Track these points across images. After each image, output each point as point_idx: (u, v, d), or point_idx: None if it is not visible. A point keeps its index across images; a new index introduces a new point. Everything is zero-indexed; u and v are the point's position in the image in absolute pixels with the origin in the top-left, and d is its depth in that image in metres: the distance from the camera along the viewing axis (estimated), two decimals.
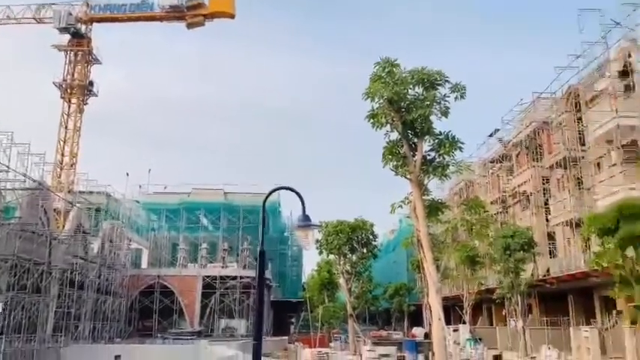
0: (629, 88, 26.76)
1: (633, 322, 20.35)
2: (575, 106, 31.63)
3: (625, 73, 27.22)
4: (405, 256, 52.91)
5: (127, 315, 47.79)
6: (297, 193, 9.71)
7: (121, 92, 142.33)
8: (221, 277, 48.97)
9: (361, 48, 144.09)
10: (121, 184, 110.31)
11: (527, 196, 35.37)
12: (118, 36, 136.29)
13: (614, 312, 26.36)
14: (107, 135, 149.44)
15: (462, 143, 13.05)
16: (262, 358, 24.93)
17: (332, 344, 34.71)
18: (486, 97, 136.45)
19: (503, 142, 39.76)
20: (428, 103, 12.73)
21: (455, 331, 35.72)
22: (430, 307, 12.55)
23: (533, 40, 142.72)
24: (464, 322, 34.99)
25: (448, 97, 12.92)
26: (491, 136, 42.33)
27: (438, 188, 50.53)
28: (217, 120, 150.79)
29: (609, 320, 27.00)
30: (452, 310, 45.40)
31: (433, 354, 13.04)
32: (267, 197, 9.91)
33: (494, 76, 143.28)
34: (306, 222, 9.69)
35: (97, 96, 49.12)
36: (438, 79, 12.86)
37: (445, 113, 12.93)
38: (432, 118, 13.04)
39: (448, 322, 44.95)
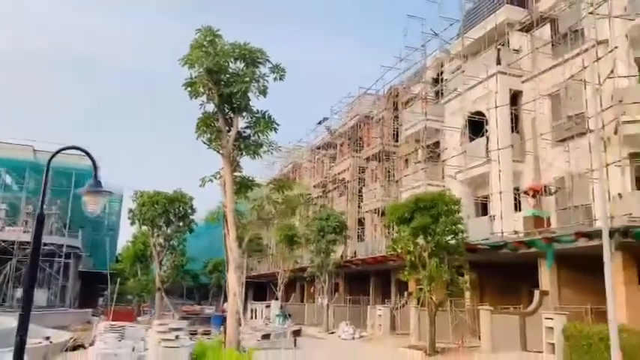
0: (438, 95, 29.80)
1: (419, 302, 22.86)
2: (394, 105, 34.41)
3: (437, 80, 30.29)
4: None
5: None
6: (89, 155, 9.03)
7: None
8: (20, 243, 44.01)
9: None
10: None
11: (345, 183, 37.72)
12: None
13: (405, 293, 29.38)
14: None
15: (277, 124, 13.29)
16: (56, 330, 22.91)
17: (140, 318, 33.45)
18: (330, 86, 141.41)
19: (330, 131, 41.81)
20: (247, 79, 12.69)
21: (267, 307, 36.95)
22: (228, 282, 12.63)
23: (377, 36, 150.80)
24: (276, 299, 36.29)
25: (268, 76, 13.05)
26: (320, 123, 44.29)
27: (268, 168, 51.80)
28: (45, 76, 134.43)
29: (401, 300, 30.06)
30: (268, 287, 46.83)
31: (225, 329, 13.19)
32: (52, 156, 9.04)
33: (341, 69, 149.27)
34: (96, 187, 9.07)
35: None
36: (260, 57, 12.88)
37: (263, 92, 13.02)
38: (251, 95, 13.06)
39: (263, 298, 46.63)
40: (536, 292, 20.45)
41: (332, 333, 29.38)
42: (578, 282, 20.04)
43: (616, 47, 19.06)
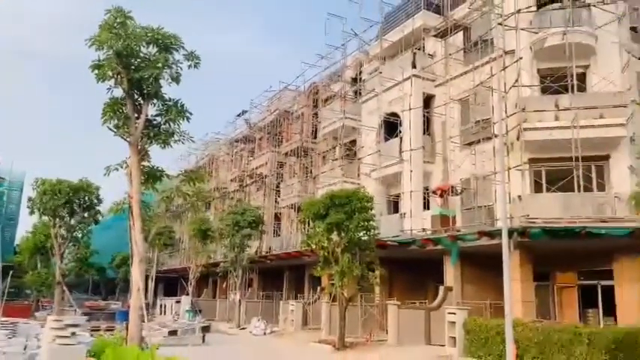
0: (357, 94, 30.29)
1: (331, 297, 23.14)
2: (314, 102, 34.59)
3: (357, 80, 30.80)
4: None
5: None
6: None
7: None
8: None
9: None
10: None
11: (263, 178, 37.46)
12: None
13: (318, 288, 29.67)
14: None
15: (190, 113, 12.81)
16: None
17: (38, 314, 31.39)
18: (252, 80, 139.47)
19: (249, 124, 41.35)
20: (160, 64, 12.15)
21: (177, 302, 35.94)
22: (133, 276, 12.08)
23: (300, 32, 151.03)
24: (187, 294, 35.40)
25: (182, 63, 12.57)
26: (239, 116, 43.69)
27: (183, 160, 50.40)
28: None
29: (313, 295, 30.33)
30: (179, 282, 45.60)
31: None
32: None
33: (263, 63, 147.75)
34: None
35: None
36: (173, 42, 12.35)
37: (176, 79, 12.50)
38: (163, 83, 12.50)
39: (174, 294, 45.31)
40: (441, 288, 21.35)
41: (243, 329, 29.10)
42: (480, 278, 21.14)
43: (521, 58, 20.25)
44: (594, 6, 20.04)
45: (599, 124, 18.64)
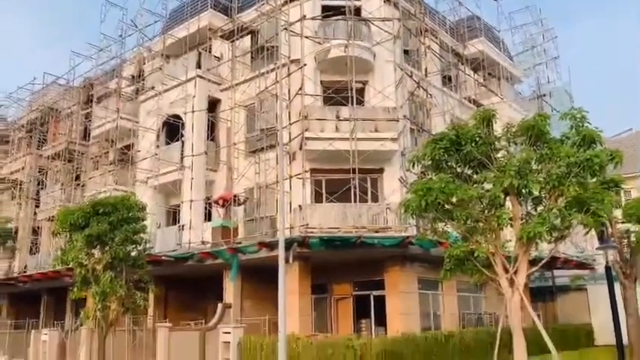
0: (137, 92, 27.29)
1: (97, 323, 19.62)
2: (88, 100, 30.41)
3: (138, 77, 27.84)
4: None
5: None
6: None
7: None
8: None
9: None
10: None
11: (20, 184, 31.58)
12: None
13: (82, 313, 25.67)
14: None
15: None
16: None
17: None
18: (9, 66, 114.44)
19: (5, 122, 34.91)
20: None
21: None
22: None
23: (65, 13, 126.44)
24: None
25: None
26: None
27: None
28: None
29: (75, 322, 26.15)
30: None
31: None
32: None
33: (19, 45, 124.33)
34: None
35: None
36: None
37: None
38: None
39: None
40: (219, 306, 19.73)
41: None
42: (261, 293, 20.08)
43: (305, 64, 19.91)
44: (372, 23, 20.77)
45: (374, 137, 19.09)
